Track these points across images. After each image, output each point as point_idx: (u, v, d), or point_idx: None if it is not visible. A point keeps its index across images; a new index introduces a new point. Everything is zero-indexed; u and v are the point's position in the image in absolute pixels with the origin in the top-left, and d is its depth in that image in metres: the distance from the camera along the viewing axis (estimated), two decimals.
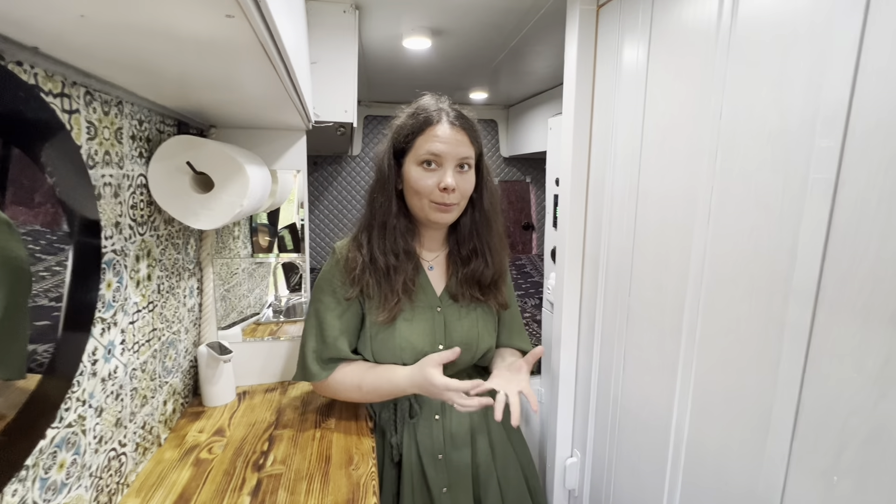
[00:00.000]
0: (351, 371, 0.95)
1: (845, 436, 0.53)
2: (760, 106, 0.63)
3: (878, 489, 0.50)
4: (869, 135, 0.50)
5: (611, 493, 1.05)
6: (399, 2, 1.10)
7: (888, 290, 0.49)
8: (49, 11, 0.35)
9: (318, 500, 0.78)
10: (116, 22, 0.36)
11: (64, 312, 0.57)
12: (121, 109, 0.71)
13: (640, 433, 0.93)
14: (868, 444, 0.51)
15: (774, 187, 0.61)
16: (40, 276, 0.52)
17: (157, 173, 0.79)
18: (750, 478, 0.67)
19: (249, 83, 0.67)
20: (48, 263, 0.53)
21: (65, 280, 0.56)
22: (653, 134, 0.85)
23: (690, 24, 0.74)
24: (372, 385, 0.93)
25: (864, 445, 0.52)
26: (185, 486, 0.81)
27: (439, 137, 0.87)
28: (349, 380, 0.94)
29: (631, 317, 0.94)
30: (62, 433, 0.59)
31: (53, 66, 0.51)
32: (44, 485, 0.56)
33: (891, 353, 0.49)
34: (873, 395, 0.50)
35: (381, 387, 0.92)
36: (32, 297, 0.50)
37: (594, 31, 0.99)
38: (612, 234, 0.99)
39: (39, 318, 0.53)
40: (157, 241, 0.87)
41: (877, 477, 0.51)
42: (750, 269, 0.65)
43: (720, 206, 0.71)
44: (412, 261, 0.94)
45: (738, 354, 0.68)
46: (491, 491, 0.99)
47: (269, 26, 0.40)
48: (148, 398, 0.86)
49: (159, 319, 0.89)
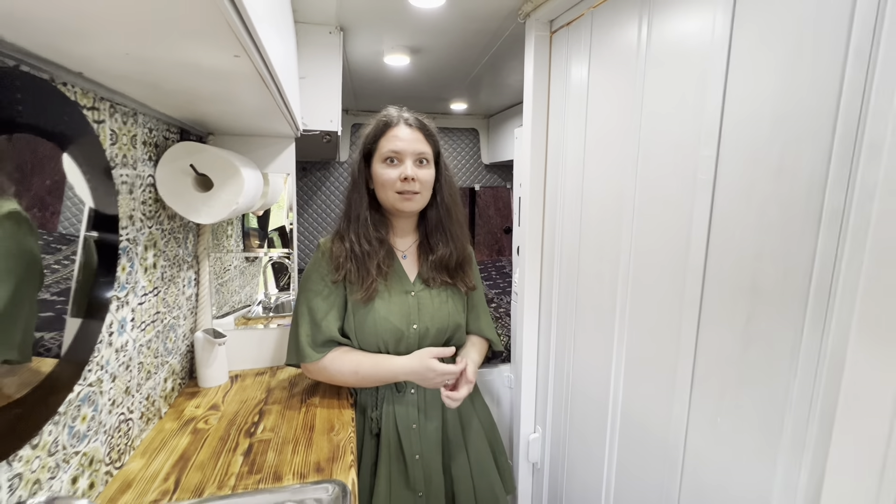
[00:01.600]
0: (346, 357, 1.05)
1: (723, 383, 0.67)
2: (666, 121, 0.77)
3: (749, 427, 0.64)
4: (733, 146, 0.64)
5: (566, 463, 1.18)
6: (379, 24, 1.24)
7: (748, 265, 0.63)
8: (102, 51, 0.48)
9: (302, 459, 0.90)
10: (153, 57, 0.49)
11: (91, 288, 0.68)
12: (136, 119, 0.84)
13: (587, 406, 1.07)
14: (738, 388, 0.65)
15: (676, 188, 0.75)
16: (70, 259, 0.64)
17: (164, 174, 0.92)
18: (663, 430, 0.80)
19: (246, 99, 0.80)
20: (77, 248, 0.65)
21: (93, 261, 0.68)
22: (593, 144, 0.99)
23: (617, 50, 0.89)
24: (369, 371, 1.03)
25: (736, 389, 0.65)
26: (185, 448, 0.92)
27: (398, 137, 1.00)
28: (346, 366, 1.04)
29: (579, 304, 1.07)
30: (85, 391, 0.71)
31: (89, 86, 0.64)
32: (70, 431, 0.68)
33: (751, 314, 0.63)
34: (738, 348, 0.64)
35: (379, 373, 1.03)
36: (71, 272, 0.62)
37: (548, 55, 1.14)
38: (563, 232, 1.13)
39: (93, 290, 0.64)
40: (161, 235, 0.99)
41: (746, 414, 0.64)
42: (662, 255, 0.79)
43: (641, 205, 0.85)
44: (384, 247, 1.06)
45: (655, 327, 0.82)
46: (458, 460, 1.11)
47: (265, 61, 0.53)
48: (151, 373, 0.97)
49: (162, 304, 1.01)
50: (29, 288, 0.55)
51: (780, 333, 0.58)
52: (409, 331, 1.07)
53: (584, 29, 1.00)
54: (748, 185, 0.62)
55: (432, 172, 1.06)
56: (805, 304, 0.55)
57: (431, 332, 1.08)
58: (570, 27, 1.05)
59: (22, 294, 0.53)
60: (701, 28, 0.69)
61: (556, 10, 1.06)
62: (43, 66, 0.53)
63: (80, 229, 0.65)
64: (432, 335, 1.08)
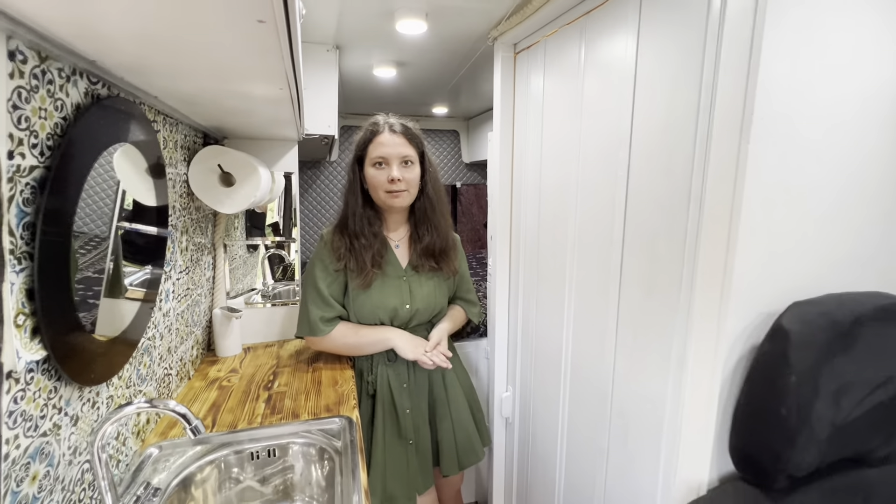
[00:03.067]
0: (349, 330, 1.24)
1: (636, 327, 0.90)
2: (597, 128, 1.00)
3: (651, 355, 0.86)
4: (638, 150, 0.88)
5: (532, 417, 1.40)
6: (370, 44, 1.45)
7: (649, 240, 0.86)
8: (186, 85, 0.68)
9: (314, 403, 1.10)
10: (217, 89, 0.69)
11: (153, 262, 0.88)
12: (177, 128, 1.03)
13: (547, 365, 1.29)
14: (645, 329, 0.88)
15: (603, 183, 0.98)
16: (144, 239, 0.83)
17: (195, 172, 1.11)
18: (598, 375, 1.03)
19: (265, 112, 1.00)
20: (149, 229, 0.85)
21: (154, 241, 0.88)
22: (548, 145, 1.22)
23: (564, 71, 1.12)
24: (369, 341, 1.23)
25: (645, 330, 0.88)
26: (215, 399, 1.12)
27: (383, 143, 1.17)
28: (349, 338, 1.24)
29: (539, 278, 1.30)
30: (146, 343, 0.90)
31: (155, 103, 0.83)
32: (137, 373, 0.87)
33: (651, 276, 0.86)
34: (644, 300, 0.88)
35: (377, 343, 1.23)
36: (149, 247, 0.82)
37: (513, 70, 1.37)
38: (526, 220, 1.35)
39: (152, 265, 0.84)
40: (191, 223, 1.18)
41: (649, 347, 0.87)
42: (596, 232, 1.02)
43: (582, 196, 1.08)
44: (378, 239, 1.26)
45: (593, 291, 1.05)
46: (442, 414, 1.33)
47: (298, 89, 0.73)
48: (183, 339, 1.16)
49: (191, 282, 1.20)
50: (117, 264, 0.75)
51: (668, 289, 0.81)
52: (402, 310, 1.26)
53: (540, 52, 1.22)
54: (649, 181, 0.86)
55: (417, 172, 1.23)
56: (681, 267, 0.78)
57: (421, 311, 1.28)
58: (530, 50, 1.28)
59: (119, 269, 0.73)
60: (617, 57, 0.92)
61: (518, 37, 1.29)
62: (135, 93, 0.73)
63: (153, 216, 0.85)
64: (422, 313, 1.29)
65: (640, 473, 0.89)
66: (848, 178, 0.70)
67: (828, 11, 0.65)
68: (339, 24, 1.30)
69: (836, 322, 0.58)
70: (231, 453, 0.93)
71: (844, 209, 0.71)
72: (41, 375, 0.56)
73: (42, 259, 0.51)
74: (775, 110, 0.63)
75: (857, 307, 0.60)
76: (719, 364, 0.68)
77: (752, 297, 0.67)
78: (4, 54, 0.45)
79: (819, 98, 0.67)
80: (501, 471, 1.61)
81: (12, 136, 0.47)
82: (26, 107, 0.49)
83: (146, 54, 0.55)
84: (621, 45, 0.91)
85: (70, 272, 0.57)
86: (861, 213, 0.73)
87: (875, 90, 0.71)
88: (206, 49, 0.51)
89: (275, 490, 0.96)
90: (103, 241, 0.67)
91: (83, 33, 0.50)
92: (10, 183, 0.47)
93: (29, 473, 0.55)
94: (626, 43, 0.89)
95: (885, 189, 0.74)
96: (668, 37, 0.79)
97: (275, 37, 0.44)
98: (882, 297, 0.64)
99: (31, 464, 0.55)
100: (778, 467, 0.60)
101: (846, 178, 0.70)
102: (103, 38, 0.51)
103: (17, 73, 0.47)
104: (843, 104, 0.69)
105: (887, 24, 0.70)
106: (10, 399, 0.50)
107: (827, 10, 0.65)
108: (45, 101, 0.52)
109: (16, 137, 0.48)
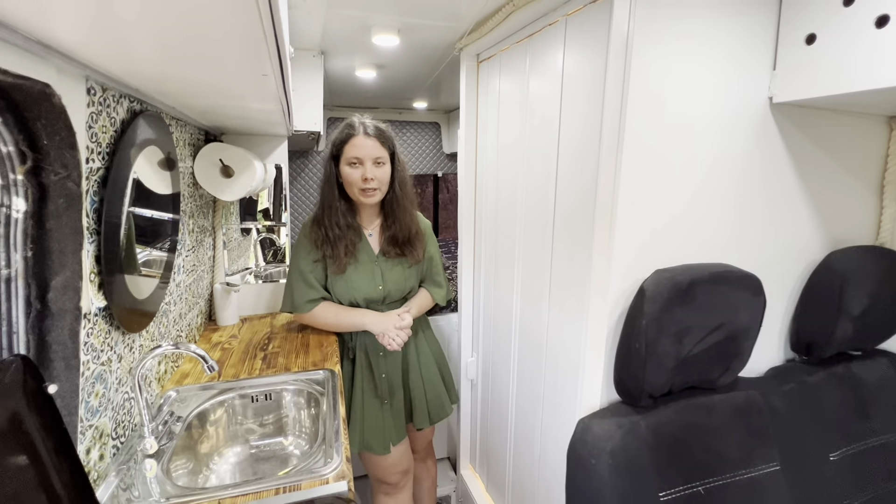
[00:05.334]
0: (329, 310, 1.43)
1: (562, 287, 1.13)
2: (537, 132, 1.22)
3: (569, 307, 1.09)
4: (564, 151, 1.09)
5: (491, 376, 1.64)
6: (351, 50, 1.63)
7: (570, 221, 1.08)
8: (197, 102, 0.87)
9: (303, 360, 1.32)
10: (224, 104, 0.88)
11: (171, 240, 1.08)
12: (186, 128, 1.22)
13: (502, 330, 1.52)
14: (568, 287, 1.11)
15: (542, 179, 1.20)
16: (163, 221, 1.03)
17: (200, 166, 1.30)
18: (537, 331, 1.26)
19: (266, 117, 1.19)
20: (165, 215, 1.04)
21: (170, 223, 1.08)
22: (503, 145, 1.43)
23: (514, 80, 1.32)
24: (346, 321, 1.42)
25: (567, 287, 1.11)
26: (219, 357, 1.33)
27: (357, 145, 1.30)
28: (329, 317, 1.43)
29: (497, 258, 1.53)
30: (164, 307, 1.11)
31: (170, 111, 1.02)
32: (159, 330, 1.08)
33: (572, 247, 1.08)
34: (568, 265, 1.10)
35: (353, 323, 1.41)
36: (167, 229, 1.02)
37: (476, 77, 1.57)
38: (487, 208, 1.57)
39: (170, 242, 1.04)
40: (196, 208, 1.37)
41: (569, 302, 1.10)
42: (536, 217, 1.24)
43: (526, 190, 1.29)
44: (352, 229, 1.42)
45: (535, 265, 1.27)
46: (414, 377, 1.54)
47: (288, 102, 0.93)
48: (191, 307, 1.37)
49: (196, 259, 1.40)
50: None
51: (581, 260, 1.04)
52: (375, 292, 1.45)
53: (497, 64, 1.42)
54: (569, 179, 1.07)
55: (388, 170, 1.38)
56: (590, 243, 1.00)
57: (392, 292, 1.47)
58: (490, 61, 1.48)
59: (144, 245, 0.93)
60: (550, 73, 1.12)
61: (480, 48, 1.49)
62: (159, 107, 0.92)
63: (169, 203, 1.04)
64: (393, 294, 1.47)
65: (564, 406, 1.13)
66: (700, 183, 0.93)
67: (679, 59, 0.87)
68: (323, 34, 1.48)
69: (677, 283, 0.80)
70: (236, 396, 1.14)
71: (694, 206, 0.94)
72: (102, 320, 0.77)
73: (105, 234, 0.72)
74: (637, 131, 0.85)
75: (696, 273, 0.83)
76: (605, 317, 0.91)
77: (628, 266, 0.90)
78: (84, 91, 0.65)
79: (669, 123, 0.89)
80: (468, 427, 1.86)
81: (88, 148, 0.67)
82: (95, 125, 0.69)
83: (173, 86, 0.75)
84: (552, 64, 1.12)
85: (120, 245, 0.78)
86: (710, 209, 0.95)
87: (720, 118, 0.93)
88: (219, 86, 0.71)
89: (272, 428, 1.18)
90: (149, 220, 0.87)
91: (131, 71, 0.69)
92: (87, 181, 0.67)
93: (94, 391, 0.76)
94: (555, 63, 1.10)
95: (728, 193, 0.97)
96: (580, 62, 1.00)
97: (272, 82, 0.63)
98: (718, 266, 0.87)
99: (95, 384, 0.76)
100: (638, 387, 0.83)
101: (698, 183, 0.93)
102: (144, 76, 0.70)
103: (91, 103, 0.67)
104: (690, 129, 0.91)
105: (731, 68, 0.92)
106: (85, 333, 0.71)
107: (678, 59, 0.87)
108: (106, 119, 0.72)
109: (89, 148, 0.68)
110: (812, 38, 0.84)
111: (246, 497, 0.77)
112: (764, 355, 1.10)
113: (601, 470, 0.79)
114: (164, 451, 0.91)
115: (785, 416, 0.94)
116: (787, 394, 0.97)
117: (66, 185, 0.65)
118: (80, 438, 0.73)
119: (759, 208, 1.00)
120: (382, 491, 1.58)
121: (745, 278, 0.86)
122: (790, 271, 1.08)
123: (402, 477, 1.58)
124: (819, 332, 1.01)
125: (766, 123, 0.95)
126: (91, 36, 0.53)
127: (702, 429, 0.87)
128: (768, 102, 0.94)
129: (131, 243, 0.85)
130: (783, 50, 0.90)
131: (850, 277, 0.97)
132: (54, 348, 0.69)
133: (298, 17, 1.29)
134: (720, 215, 0.97)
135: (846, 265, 0.98)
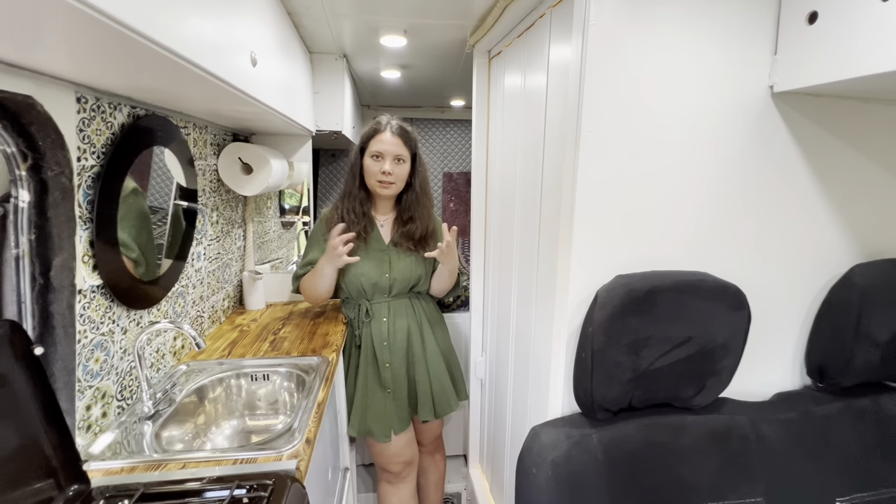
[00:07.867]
0: (307, 278, 1.51)
1: (541, 292, 1.09)
2: (530, 133, 1.18)
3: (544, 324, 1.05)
4: (548, 153, 1.05)
5: (496, 376, 1.62)
6: (367, 51, 1.69)
7: (551, 220, 1.04)
8: (199, 109, 0.97)
9: (305, 346, 1.41)
10: (224, 109, 0.98)
11: (183, 233, 1.21)
12: (207, 130, 1.35)
13: (503, 330, 1.50)
14: (543, 294, 1.07)
15: (534, 172, 1.16)
16: (174, 215, 1.16)
17: (222, 163, 1.43)
18: (525, 332, 1.23)
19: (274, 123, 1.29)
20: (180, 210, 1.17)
21: (183, 216, 1.21)
22: (507, 142, 1.40)
23: (514, 74, 1.29)
24: (317, 276, 1.45)
25: (544, 295, 1.07)
26: (234, 339, 1.46)
27: (382, 141, 1.42)
28: (307, 280, 1.50)
29: (500, 257, 1.50)
30: (179, 289, 1.24)
31: (183, 117, 1.15)
32: (173, 309, 1.21)
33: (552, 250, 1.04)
34: (547, 267, 1.06)
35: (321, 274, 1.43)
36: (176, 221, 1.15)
37: (488, 73, 1.55)
38: (494, 208, 1.55)
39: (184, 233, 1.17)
40: (221, 202, 1.52)
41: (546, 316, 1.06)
42: (528, 218, 1.21)
43: (522, 188, 1.26)
44: (366, 218, 1.52)
45: (527, 265, 1.24)
46: (419, 370, 1.57)
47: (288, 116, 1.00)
48: (215, 292, 1.51)
49: (221, 248, 1.55)
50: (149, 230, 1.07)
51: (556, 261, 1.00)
52: (381, 279, 1.52)
53: (504, 59, 1.40)
54: (550, 178, 1.03)
55: (407, 169, 1.46)
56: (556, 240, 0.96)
57: (399, 281, 1.52)
58: (499, 56, 1.45)
59: (151, 233, 1.06)
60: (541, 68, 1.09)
61: (490, 44, 1.47)
62: (168, 113, 1.04)
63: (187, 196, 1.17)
64: (399, 283, 1.53)
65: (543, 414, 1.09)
66: (682, 185, 0.85)
67: (660, 47, 0.80)
68: (338, 39, 1.55)
69: (632, 290, 0.74)
70: (235, 375, 1.25)
71: (676, 209, 0.85)
72: (100, 296, 0.89)
73: (98, 222, 0.83)
74: (595, 131, 0.80)
75: (657, 280, 0.76)
76: (565, 323, 0.86)
77: (593, 270, 0.85)
78: (73, 100, 0.76)
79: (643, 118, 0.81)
80: (476, 427, 1.85)
81: (79, 148, 0.78)
82: (88, 129, 0.80)
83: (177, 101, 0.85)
84: (542, 58, 1.08)
85: (116, 232, 0.90)
86: (696, 213, 0.86)
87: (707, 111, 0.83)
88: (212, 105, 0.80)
89: (265, 405, 1.28)
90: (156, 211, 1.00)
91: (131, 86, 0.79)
92: (78, 176, 0.79)
93: (93, 356, 0.89)
94: (543, 56, 1.06)
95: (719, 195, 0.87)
96: (560, 55, 0.96)
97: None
98: (690, 274, 0.78)
99: (94, 350, 0.89)
100: (589, 399, 0.79)
101: (677, 185, 0.84)
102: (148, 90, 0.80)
103: (82, 109, 0.78)
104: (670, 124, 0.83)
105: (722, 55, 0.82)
106: (81, 306, 0.83)
107: (659, 47, 0.80)
108: (100, 123, 0.84)
109: (80, 148, 0.79)
110: (814, 17, 0.73)
111: (209, 463, 0.85)
112: (772, 378, 0.98)
113: (541, 480, 0.76)
114: (160, 415, 1.03)
115: (777, 448, 0.83)
116: (783, 423, 0.86)
117: (60, 180, 0.77)
118: (79, 396, 0.86)
119: (760, 211, 0.89)
120: (385, 479, 1.64)
121: (721, 289, 0.78)
122: (807, 285, 0.95)
123: (405, 468, 1.62)
124: (832, 356, 0.88)
125: (767, 115, 0.84)
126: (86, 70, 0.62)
127: (666, 450, 0.80)
128: (769, 92, 0.83)
129: (131, 231, 0.97)
130: (785, 32, 0.79)
131: (873, 294, 0.83)
132: (56, 318, 0.81)
133: (309, 24, 1.37)
134: (707, 219, 0.87)
135: (869, 280, 0.84)
